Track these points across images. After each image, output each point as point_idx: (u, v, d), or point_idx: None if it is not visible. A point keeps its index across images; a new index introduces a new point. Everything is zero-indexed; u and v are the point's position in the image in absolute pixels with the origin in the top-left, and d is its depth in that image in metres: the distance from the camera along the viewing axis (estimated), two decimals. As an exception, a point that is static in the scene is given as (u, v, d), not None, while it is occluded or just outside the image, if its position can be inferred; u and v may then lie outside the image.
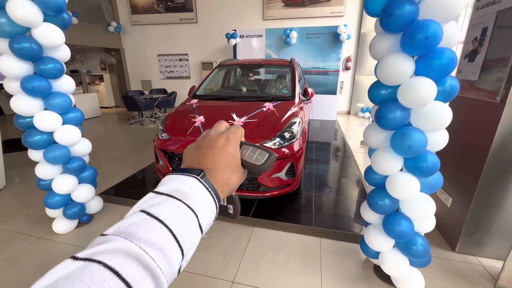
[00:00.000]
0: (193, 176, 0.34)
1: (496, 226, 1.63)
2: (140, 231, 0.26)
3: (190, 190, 0.32)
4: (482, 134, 1.58)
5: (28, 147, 1.73)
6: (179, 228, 0.28)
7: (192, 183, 0.33)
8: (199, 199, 0.32)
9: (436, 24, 0.95)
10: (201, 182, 0.34)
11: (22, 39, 1.48)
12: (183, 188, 0.32)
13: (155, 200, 0.31)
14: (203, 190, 0.34)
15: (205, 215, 0.33)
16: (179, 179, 0.33)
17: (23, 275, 1.59)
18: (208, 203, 0.33)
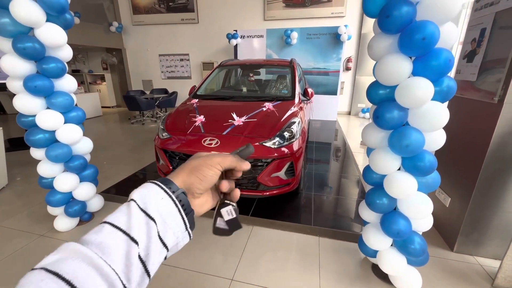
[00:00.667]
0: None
1: (494, 226, 1.64)
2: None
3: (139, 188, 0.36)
4: (480, 134, 1.59)
5: (31, 146, 1.75)
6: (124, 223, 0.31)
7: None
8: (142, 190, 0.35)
9: (433, 25, 0.97)
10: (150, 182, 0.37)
11: (25, 38, 1.50)
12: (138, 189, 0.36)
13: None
14: None
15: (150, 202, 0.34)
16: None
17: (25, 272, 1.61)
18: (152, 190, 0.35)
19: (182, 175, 0.39)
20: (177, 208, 0.35)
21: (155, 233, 0.31)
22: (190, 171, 0.39)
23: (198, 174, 0.39)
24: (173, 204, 0.34)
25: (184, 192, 0.37)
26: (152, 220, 0.31)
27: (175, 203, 0.34)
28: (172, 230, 0.34)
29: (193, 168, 0.39)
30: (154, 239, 0.31)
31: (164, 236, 0.32)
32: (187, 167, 0.40)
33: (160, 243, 0.32)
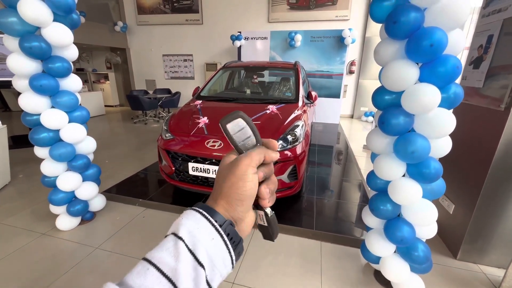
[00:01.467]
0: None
1: (498, 234, 1.62)
2: None
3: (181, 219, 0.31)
4: (486, 141, 1.57)
5: (35, 144, 1.76)
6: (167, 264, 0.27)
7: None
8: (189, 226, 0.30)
9: (441, 31, 0.96)
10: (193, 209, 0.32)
11: (32, 38, 1.51)
12: (178, 221, 0.32)
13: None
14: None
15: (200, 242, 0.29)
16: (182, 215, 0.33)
17: (26, 270, 1.61)
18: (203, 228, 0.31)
19: (222, 204, 0.33)
20: (227, 247, 0.31)
21: (203, 279, 0.28)
22: (228, 195, 0.33)
23: (237, 196, 0.33)
24: (223, 244, 0.30)
25: (231, 223, 0.32)
26: (201, 265, 0.28)
27: (225, 243, 0.30)
28: (220, 273, 0.30)
29: (229, 190, 0.33)
30: (202, 286, 0.28)
31: (212, 280, 0.29)
32: (223, 192, 0.34)
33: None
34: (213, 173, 2.09)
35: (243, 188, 0.33)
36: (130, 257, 1.74)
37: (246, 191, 0.33)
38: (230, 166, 0.35)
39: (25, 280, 1.53)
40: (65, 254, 1.77)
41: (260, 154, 0.35)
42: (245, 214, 0.34)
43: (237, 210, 0.33)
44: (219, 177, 0.36)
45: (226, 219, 0.32)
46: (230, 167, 0.35)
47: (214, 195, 0.35)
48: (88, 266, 1.66)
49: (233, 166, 0.34)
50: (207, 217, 0.31)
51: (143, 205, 2.38)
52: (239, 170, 0.33)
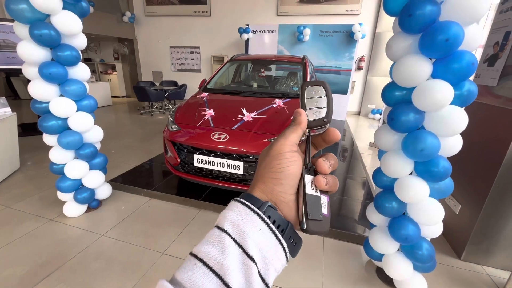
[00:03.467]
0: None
1: (505, 236, 1.60)
2: None
3: (225, 212, 0.29)
4: (497, 141, 1.54)
5: (43, 132, 1.78)
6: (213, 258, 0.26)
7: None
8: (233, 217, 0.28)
9: (457, 26, 0.93)
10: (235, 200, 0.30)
11: (42, 25, 1.51)
12: (222, 213, 0.29)
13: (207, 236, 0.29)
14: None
15: (246, 234, 0.27)
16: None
17: (34, 254, 1.66)
18: (247, 218, 0.28)
19: (258, 185, 0.31)
20: (276, 237, 0.28)
21: (255, 274, 0.26)
22: (263, 175, 0.31)
23: (273, 174, 0.31)
24: (272, 235, 0.28)
25: (271, 205, 0.29)
26: (251, 259, 0.26)
27: (274, 233, 0.28)
28: (274, 267, 0.28)
29: (264, 170, 0.31)
30: (256, 281, 0.26)
31: (266, 275, 0.27)
32: (259, 174, 0.32)
33: (262, 284, 0.27)
34: (217, 166, 2.09)
35: (278, 166, 0.31)
36: (135, 245, 1.77)
37: (282, 168, 0.30)
38: (267, 149, 0.33)
39: (33, 264, 1.58)
40: (71, 240, 1.81)
41: (297, 132, 0.33)
42: (288, 197, 0.31)
43: (275, 190, 0.30)
44: (258, 163, 0.34)
45: (264, 201, 0.30)
46: (267, 150, 0.33)
47: (253, 180, 0.33)
48: (94, 253, 1.70)
49: (269, 148, 0.33)
50: (251, 206, 0.28)
51: (148, 195, 2.41)
52: (274, 150, 0.32)
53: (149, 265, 1.61)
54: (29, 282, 1.45)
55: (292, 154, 0.31)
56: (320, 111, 0.34)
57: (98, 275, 1.53)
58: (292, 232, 0.30)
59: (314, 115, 0.34)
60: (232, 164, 2.05)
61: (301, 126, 0.34)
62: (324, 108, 0.34)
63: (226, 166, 2.07)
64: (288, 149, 0.32)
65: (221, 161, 2.07)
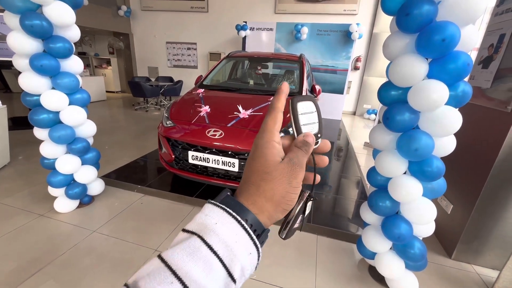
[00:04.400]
0: (214, 204, 0.28)
1: (494, 235, 1.62)
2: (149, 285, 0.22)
3: (215, 225, 0.26)
4: (490, 142, 1.56)
5: (34, 125, 1.74)
6: (195, 281, 0.22)
7: (216, 214, 0.26)
8: (225, 236, 0.25)
9: (454, 26, 0.93)
10: (226, 211, 0.27)
11: (33, 16, 1.47)
12: (207, 222, 0.26)
13: (176, 239, 0.26)
14: (231, 223, 0.26)
15: (237, 258, 0.25)
16: (205, 210, 0.27)
17: (24, 249, 1.62)
18: (241, 241, 0.26)
19: (267, 209, 0.29)
20: (258, 256, 0.27)
21: None
22: (279, 204, 0.29)
23: (287, 206, 0.30)
24: (257, 256, 0.27)
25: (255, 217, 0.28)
26: (233, 281, 0.25)
27: (258, 254, 0.27)
28: (245, 277, 0.27)
29: (282, 199, 0.29)
30: None
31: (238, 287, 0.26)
32: (274, 199, 0.29)
33: None
34: (212, 163, 2.08)
35: (294, 199, 0.30)
36: (127, 242, 1.75)
37: (293, 201, 0.30)
38: (288, 168, 0.29)
39: (22, 260, 1.54)
40: (62, 236, 1.77)
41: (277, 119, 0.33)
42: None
43: (279, 216, 0.30)
44: (266, 172, 0.29)
45: (266, 228, 0.29)
46: (287, 168, 0.29)
47: (256, 194, 0.29)
48: (85, 249, 1.67)
49: (292, 173, 0.29)
50: (246, 228, 0.26)
51: (141, 192, 2.38)
52: (297, 181, 0.30)
53: (142, 262, 1.59)
54: (17, 279, 1.42)
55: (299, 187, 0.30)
56: (313, 127, 0.34)
57: (89, 272, 1.50)
58: (265, 236, 0.30)
59: (305, 130, 0.34)
60: (227, 161, 2.03)
61: (279, 110, 0.33)
62: (317, 123, 0.35)
63: (221, 163, 2.06)
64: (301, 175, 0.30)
65: (216, 158, 2.05)
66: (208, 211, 0.27)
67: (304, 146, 0.32)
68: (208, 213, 0.26)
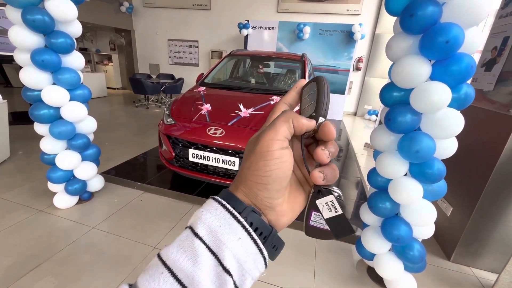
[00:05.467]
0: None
1: (494, 239, 1.62)
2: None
3: (201, 213, 0.26)
4: (491, 145, 1.55)
5: (35, 120, 1.74)
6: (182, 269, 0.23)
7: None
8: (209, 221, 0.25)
9: (458, 28, 0.92)
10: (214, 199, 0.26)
11: (35, 10, 1.47)
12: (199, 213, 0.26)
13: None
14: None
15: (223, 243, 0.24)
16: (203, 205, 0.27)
17: (22, 245, 1.62)
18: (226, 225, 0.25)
19: (241, 188, 0.27)
20: (257, 246, 0.25)
21: (230, 286, 0.23)
22: (246, 177, 0.27)
23: (257, 178, 0.26)
24: (252, 244, 0.25)
25: (254, 210, 0.26)
26: (227, 272, 0.23)
27: (254, 242, 0.25)
28: (252, 276, 0.25)
29: (247, 171, 0.27)
30: None
31: (242, 285, 0.24)
32: (242, 174, 0.28)
33: None
34: (213, 161, 2.08)
35: (265, 168, 0.26)
36: (126, 239, 1.75)
37: (270, 171, 0.26)
38: (253, 143, 0.28)
39: (20, 255, 1.54)
40: (61, 232, 1.77)
41: (286, 121, 0.27)
42: (274, 202, 0.27)
43: (259, 196, 0.27)
44: (243, 159, 0.29)
45: (247, 205, 0.26)
46: (253, 144, 0.28)
47: (236, 179, 0.29)
48: (84, 245, 1.67)
49: (255, 142, 0.27)
50: (231, 211, 0.25)
51: (141, 189, 2.38)
52: (260, 147, 0.26)
53: (140, 259, 1.59)
54: (15, 274, 1.42)
55: (282, 153, 0.26)
56: (310, 107, 0.30)
57: (87, 268, 1.50)
58: (275, 238, 0.28)
59: (307, 113, 0.30)
60: (228, 159, 2.03)
61: (297, 118, 0.28)
62: (313, 103, 0.30)
63: (221, 162, 2.06)
64: (278, 146, 0.26)
65: (216, 157, 2.05)
66: (204, 204, 0.27)
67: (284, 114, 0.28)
68: (203, 206, 0.27)
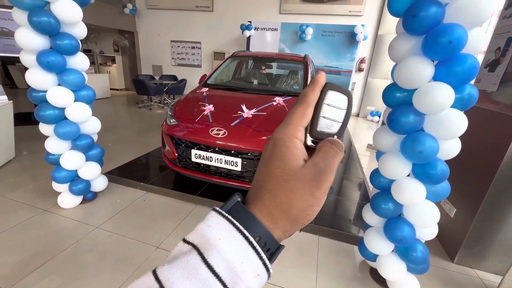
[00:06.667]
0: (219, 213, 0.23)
1: (498, 240, 1.61)
2: None
3: (218, 240, 0.22)
4: (495, 146, 1.54)
5: (40, 121, 1.76)
6: None
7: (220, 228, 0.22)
8: (229, 255, 0.21)
9: (461, 28, 0.93)
10: (233, 225, 0.23)
11: (41, 12, 1.49)
12: (210, 236, 0.22)
13: (174, 250, 0.23)
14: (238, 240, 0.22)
15: (242, 281, 0.21)
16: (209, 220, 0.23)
17: (27, 244, 1.64)
18: (248, 262, 0.22)
19: (283, 225, 0.24)
20: (269, 276, 0.23)
21: None
22: (297, 219, 0.24)
23: (307, 220, 0.25)
24: (267, 277, 0.23)
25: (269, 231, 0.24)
26: None
27: (269, 275, 0.23)
28: None
29: (301, 213, 0.24)
30: None
31: None
32: (290, 214, 0.24)
33: None
34: (215, 161, 2.08)
35: (316, 212, 0.25)
36: (129, 239, 1.76)
37: (317, 212, 0.25)
38: (311, 175, 0.24)
39: (25, 254, 1.56)
40: (65, 231, 1.79)
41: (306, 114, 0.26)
42: None
43: (295, 230, 0.25)
44: (285, 180, 0.24)
45: (280, 244, 0.25)
46: (310, 175, 0.24)
47: (271, 205, 0.24)
48: (88, 244, 1.68)
49: (316, 181, 0.24)
50: (258, 250, 0.22)
51: (144, 189, 2.40)
52: (322, 192, 0.24)
53: (143, 258, 1.60)
54: (20, 272, 1.44)
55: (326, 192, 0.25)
56: (333, 125, 0.28)
57: (91, 267, 1.52)
58: (278, 253, 0.25)
59: (325, 127, 0.28)
60: (230, 160, 2.04)
61: (310, 105, 0.27)
62: (339, 123, 0.28)
63: (224, 162, 2.06)
64: (327, 187, 0.24)
65: (219, 157, 2.06)
66: (212, 221, 0.23)
67: (332, 149, 0.26)
68: (212, 224, 0.23)
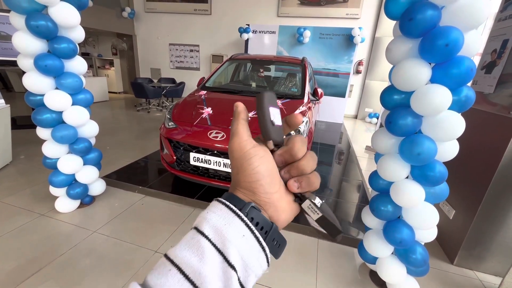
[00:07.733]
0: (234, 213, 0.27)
1: (497, 242, 1.61)
2: None
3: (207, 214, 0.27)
4: (492, 148, 1.55)
5: (37, 125, 1.75)
6: (190, 265, 0.24)
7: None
8: (214, 221, 0.27)
9: (458, 31, 0.93)
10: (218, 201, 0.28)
11: (39, 16, 1.49)
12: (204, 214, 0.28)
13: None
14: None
15: (228, 240, 0.26)
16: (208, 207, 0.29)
17: (24, 249, 1.62)
18: (231, 224, 0.27)
19: (238, 189, 0.30)
20: (259, 244, 0.27)
21: (235, 282, 0.25)
22: (242, 181, 0.29)
23: (250, 177, 0.29)
24: (255, 241, 0.27)
25: (254, 206, 0.28)
26: (232, 267, 0.25)
27: (257, 239, 0.27)
28: (255, 273, 0.27)
29: (238, 176, 0.30)
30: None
31: (246, 282, 0.26)
32: (235, 181, 0.30)
33: None
34: (214, 164, 2.08)
35: (250, 167, 0.28)
36: (127, 243, 1.74)
37: (256, 167, 0.28)
38: (230, 151, 0.31)
39: (21, 259, 1.54)
40: (63, 236, 1.77)
41: (242, 124, 0.31)
42: (272, 197, 0.29)
43: (257, 194, 0.29)
44: (231, 167, 0.32)
45: (246, 202, 0.28)
46: (230, 152, 0.31)
47: (232, 185, 0.31)
48: (85, 249, 1.67)
49: (231, 150, 0.30)
50: (234, 209, 0.27)
51: (142, 193, 2.38)
52: (236, 152, 0.29)
53: (141, 263, 1.59)
54: (17, 278, 1.42)
55: (256, 150, 0.29)
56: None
57: (88, 272, 1.50)
58: (276, 234, 0.29)
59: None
60: (229, 163, 2.03)
61: (241, 117, 0.32)
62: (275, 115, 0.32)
63: (222, 165, 2.06)
64: (249, 146, 0.29)
65: (218, 160, 2.06)
66: (208, 206, 0.28)
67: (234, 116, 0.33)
68: (207, 208, 0.28)
